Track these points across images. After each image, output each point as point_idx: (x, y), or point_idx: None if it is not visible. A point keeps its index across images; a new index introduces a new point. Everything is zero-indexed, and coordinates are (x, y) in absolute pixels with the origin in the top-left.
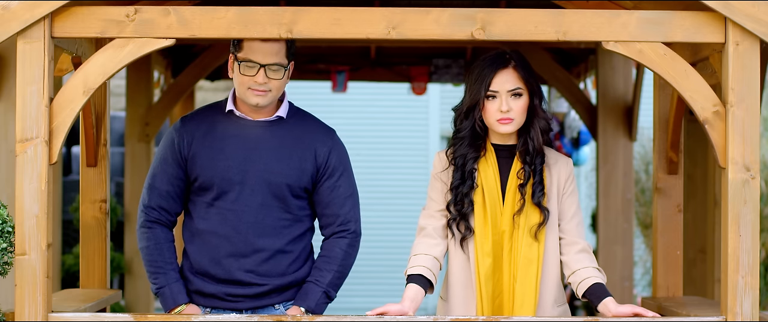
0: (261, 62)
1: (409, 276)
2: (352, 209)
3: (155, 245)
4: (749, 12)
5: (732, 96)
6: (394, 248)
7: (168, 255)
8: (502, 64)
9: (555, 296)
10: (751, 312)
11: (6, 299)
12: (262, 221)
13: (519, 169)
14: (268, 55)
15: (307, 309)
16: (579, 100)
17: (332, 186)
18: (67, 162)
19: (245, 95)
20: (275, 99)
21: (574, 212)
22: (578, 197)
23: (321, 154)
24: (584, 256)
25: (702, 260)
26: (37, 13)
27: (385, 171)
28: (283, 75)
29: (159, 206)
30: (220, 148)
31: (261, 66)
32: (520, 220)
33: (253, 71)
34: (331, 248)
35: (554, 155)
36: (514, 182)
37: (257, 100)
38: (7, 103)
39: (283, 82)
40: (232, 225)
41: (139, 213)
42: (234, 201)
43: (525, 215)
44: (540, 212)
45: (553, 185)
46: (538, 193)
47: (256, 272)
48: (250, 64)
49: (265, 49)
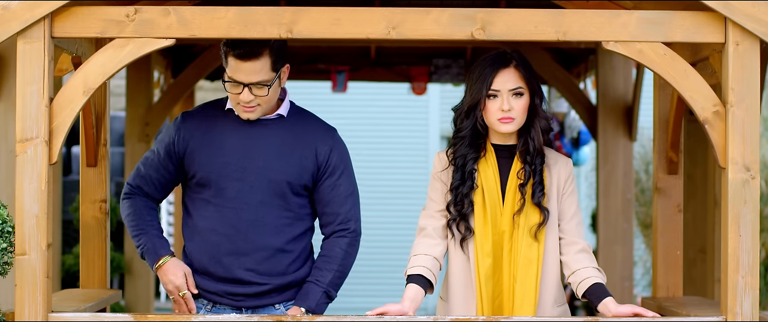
0: (244, 82)
1: (409, 276)
2: (353, 208)
3: (135, 211)
4: (749, 12)
5: (732, 96)
6: (394, 248)
7: (148, 218)
8: (503, 63)
9: (555, 296)
10: (751, 312)
11: (6, 299)
12: (261, 219)
13: (519, 169)
14: (251, 74)
15: (307, 309)
16: (579, 100)
17: (333, 185)
18: (67, 162)
19: (236, 110)
20: (267, 111)
21: (573, 212)
22: (578, 197)
23: (322, 153)
24: (584, 256)
25: (702, 260)
26: (37, 13)
27: (385, 171)
28: (269, 90)
29: (138, 186)
30: (219, 145)
31: (245, 85)
32: (520, 220)
33: (238, 90)
34: (332, 247)
35: (554, 155)
36: (514, 182)
37: (247, 116)
38: (7, 103)
39: (273, 94)
40: (231, 223)
41: (123, 194)
42: (232, 198)
43: (525, 215)
44: (540, 212)
45: (553, 185)
46: (538, 193)
47: (256, 271)
48: (233, 83)
49: (247, 69)
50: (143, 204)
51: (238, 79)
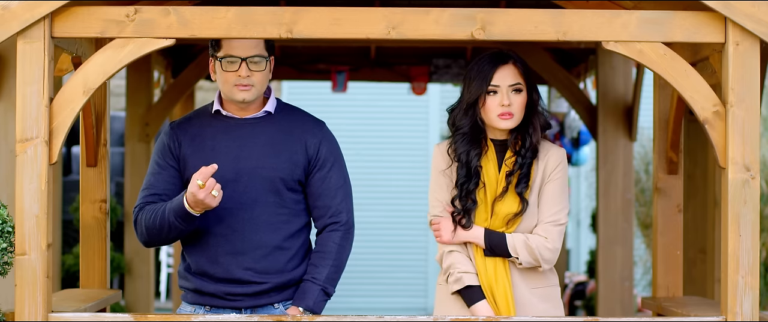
0: (241, 56)
1: (473, 288)
2: (344, 200)
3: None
4: (749, 12)
5: (732, 96)
6: (394, 248)
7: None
8: (502, 60)
9: (532, 283)
10: (751, 312)
11: (6, 299)
12: (257, 217)
13: (509, 157)
14: (248, 48)
15: (306, 308)
16: (579, 100)
17: (323, 177)
18: (67, 162)
19: (231, 93)
20: (260, 94)
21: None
22: (564, 185)
23: (312, 146)
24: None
25: (702, 260)
26: (37, 13)
27: (385, 171)
28: (265, 67)
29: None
30: (211, 148)
31: (242, 60)
32: (497, 207)
33: (235, 66)
34: (325, 242)
35: (547, 146)
36: (503, 170)
37: (243, 96)
38: (7, 103)
39: (265, 76)
40: (228, 223)
41: (133, 212)
42: (228, 199)
43: (503, 202)
44: (519, 202)
45: (539, 174)
46: (522, 183)
47: (254, 270)
48: (231, 59)
49: (244, 43)
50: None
51: (236, 54)
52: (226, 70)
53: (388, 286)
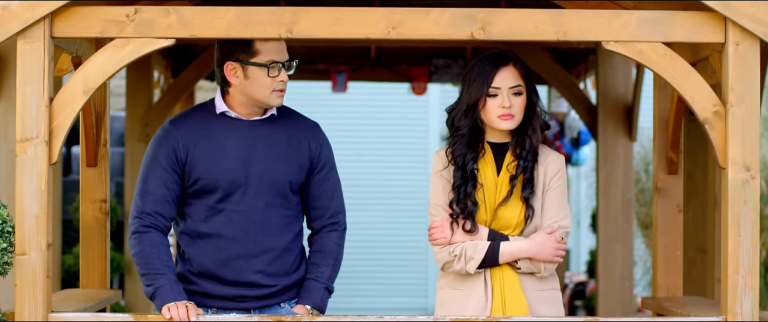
0: (282, 60)
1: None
2: (341, 202)
3: (152, 248)
4: (749, 12)
5: (732, 96)
6: (394, 248)
7: (166, 258)
8: (502, 61)
9: (536, 285)
10: (751, 312)
11: (6, 299)
12: (268, 220)
13: (510, 161)
14: (284, 52)
15: (313, 306)
16: (579, 100)
17: (322, 179)
18: (67, 162)
19: (269, 98)
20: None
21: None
22: (564, 192)
23: (314, 148)
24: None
25: (702, 260)
26: (37, 13)
27: (385, 171)
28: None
29: (155, 212)
30: (221, 150)
31: (282, 64)
32: (501, 211)
33: (277, 71)
34: (325, 242)
35: (546, 151)
36: (505, 174)
37: (280, 101)
38: (7, 103)
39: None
40: (240, 226)
41: (133, 220)
42: (238, 202)
43: (508, 207)
44: (524, 208)
45: (540, 181)
46: (527, 188)
47: (265, 272)
48: (276, 64)
49: (281, 48)
50: (160, 241)
51: (278, 59)
52: (271, 76)
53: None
